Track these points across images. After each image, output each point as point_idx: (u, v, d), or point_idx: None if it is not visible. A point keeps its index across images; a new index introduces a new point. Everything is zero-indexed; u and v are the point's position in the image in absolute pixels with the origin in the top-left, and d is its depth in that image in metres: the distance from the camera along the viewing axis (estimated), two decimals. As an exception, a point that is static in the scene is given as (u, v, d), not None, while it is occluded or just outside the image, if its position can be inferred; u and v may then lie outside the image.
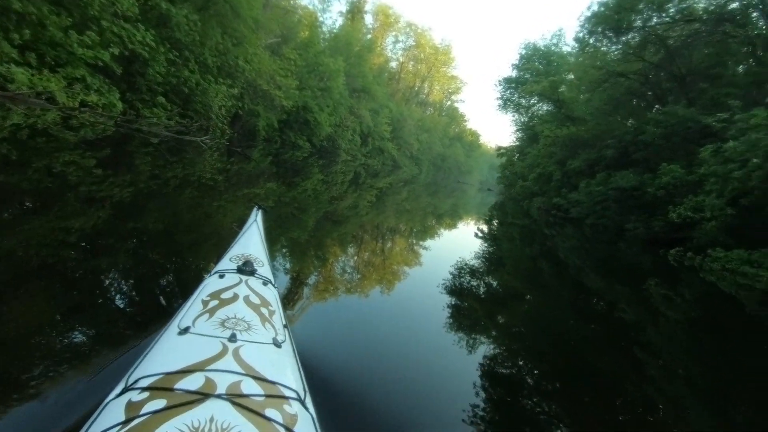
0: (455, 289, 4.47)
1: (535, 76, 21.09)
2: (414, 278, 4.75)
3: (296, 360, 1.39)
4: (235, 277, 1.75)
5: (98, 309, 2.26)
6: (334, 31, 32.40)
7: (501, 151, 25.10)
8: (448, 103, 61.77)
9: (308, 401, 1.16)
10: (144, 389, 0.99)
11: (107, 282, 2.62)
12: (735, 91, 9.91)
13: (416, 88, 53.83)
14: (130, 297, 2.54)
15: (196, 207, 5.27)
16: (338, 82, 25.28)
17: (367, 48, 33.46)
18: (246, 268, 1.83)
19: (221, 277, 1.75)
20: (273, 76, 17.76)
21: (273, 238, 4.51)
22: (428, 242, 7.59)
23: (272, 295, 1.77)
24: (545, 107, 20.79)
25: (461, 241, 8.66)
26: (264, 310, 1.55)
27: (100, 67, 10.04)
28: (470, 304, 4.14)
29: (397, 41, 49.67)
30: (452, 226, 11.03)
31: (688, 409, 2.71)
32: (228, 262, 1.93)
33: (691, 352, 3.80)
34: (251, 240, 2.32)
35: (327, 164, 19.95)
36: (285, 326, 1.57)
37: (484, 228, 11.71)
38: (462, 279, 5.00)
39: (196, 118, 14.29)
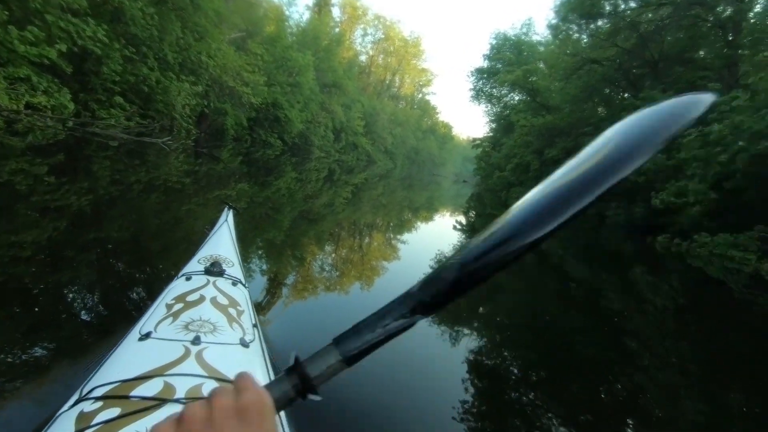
0: None
1: (507, 65, 21.36)
2: (392, 273, 4.70)
3: (265, 359, 1.35)
4: (202, 279, 1.70)
5: (58, 322, 2.15)
6: (301, 25, 31.67)
7: (476, 143, 25.44)
8: (420, 95, 62.13)
9: None
10: (98, 399, 0.94)
11: (68, 294, 2.48)
12: (710, 74, 10.07)
13: (387, 82, 53.66)
14: (93, 308, 2.41)
15: (164, 212, 5.02)
16: (308, 77, 24.75)
17: (335, 41, 32.92)
18: (214, 269, 1.78)
19: (188, 279, 1.69)
20: (239, 72, 17.11)
21: (247, 239, 4.40)
22: (406, 236, 7.51)
23: (242, 295, 1.71)
24: (517, 97, 21.15)
25: (440, 234, 8.64)
26: (232, 311, 1.50)
27: (47, 66, 9.27)
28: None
29: (365, 34, 49.26)
30: (430, 219, 11.06)
31: (679, 395, 2.71)
32: (196, 264, 1.87)
33: (681, 339, 3.84)
34: (221, 240, 2.26)
35: (300, 162, 19.54)
36: (255, 326, 1.53)
37: (463, 220, 11.76)
38: None
39: (159, 118, 13.56)
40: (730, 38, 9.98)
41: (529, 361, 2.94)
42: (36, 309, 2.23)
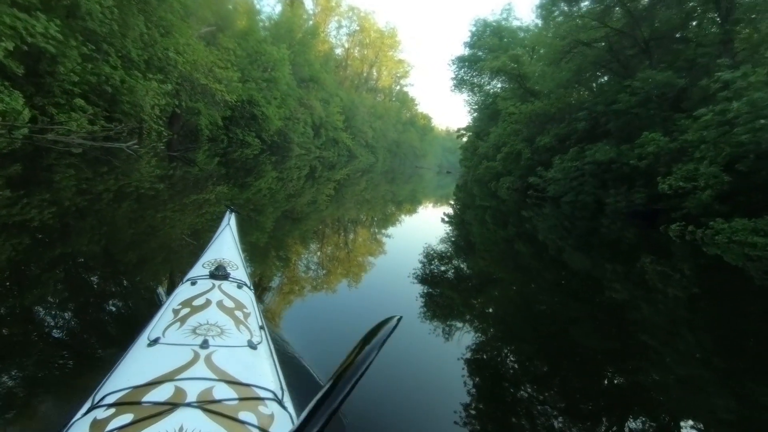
0: (432, 278, 4.33)
1: (489, 52, 20.97)
2: (389, 269, 4.68)
3: (273, 360, 1.36)
4: (207, 283, 1.71)
5: (50, 338, 2.12)
6: (274, 18, 30.55)
7: (460, 133, 25.13)
8: (398, 87, 61.62)
9: (286, 400, 1.14)
10: (110, 406, 0.96)
11: (49, 314, 2.36)
12: (710, 51, 9.59)
13: (365, 75, 52.91)
14: (82, 324, 2.33)
15: (138, 220, 4.64)
16: (284, 71, 23.92)
17: (310, 34, 31.97)
18: (219, 273, 1.79)
19: (193, 284, 1.70)
20: (211, 69, 16.25)
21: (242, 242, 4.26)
22: (397, 231, 7.33)
23: (247, 297, 1.72)
24: (500, 84, 20.83)
25: (431, 228, 8.35)
26: (238, 313, 1.52)
27: (-6, 67, 8.41)
28: (450, 291, 4.02)
29: (340, 26, 48.26)
30: (419, 213, 10.83)
31: (698, 388, 2.52)
32: (200, 269, 1.88)
33: (697, 328, 3.61)
34: (224, 244, 2.26)
35: (280, 160, 18.84)
36: (261, 327, 1.53)
37: (452, 212, 11.54)
38: (438, 267, 4.86)
39: (126, 120, 12.70)
40: (724, 13, 9.42)
41: (531, 355, 2.82)
42: (29, 324, 2.19)
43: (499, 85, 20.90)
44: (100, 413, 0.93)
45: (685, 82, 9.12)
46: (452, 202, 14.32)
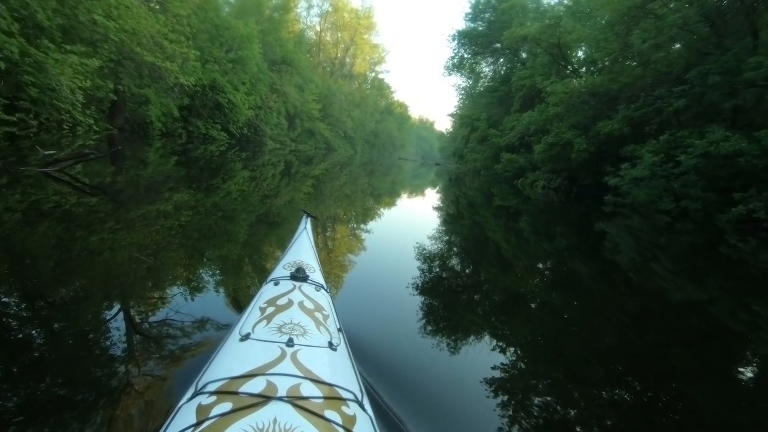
0: (455, 292, 3.85)
1: (494, 26, 18.16)
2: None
3: (352, 362, 1.40)
4: (288, 284, 1.82)
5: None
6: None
7: (464, 120, 22.43)
8: (373, 74, 58.25)
9: (366, 402, 1.18)
10: (212, 393, 1.03)
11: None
12: None
13: (338, 60, 49.27)
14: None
15: (70, 244, 3.41)
16: (253, 50, 20.32)
17: (281, 8, 28.14)
18: (299, 275, 1.89)
19: (276, 284, 1.81)
20: (159, 43, 12.72)
21: (195, 256, 3.73)
22: (395, 235, 6.42)
23: (325, 299, 1.80)
24: (506, 63, 18.13)
25: (433, 232, 6.72)
26: (318, 315, 1.60)
27: None
28: (488, 309, 3.51)
29: (310, 6, 44.22)
30: (419, 214, 9.27)
31: None
32: (282, 270, 1.99)
33: None
34: (302, 247, 2.38)
35: (251, 156, 16.40)
36: (339, 330, 1.59)
37: (456, 213, 9.70)
38: (458, 280, 4.28)
39: (40, 110, 9.23)
40: None
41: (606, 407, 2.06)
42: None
43: (510, 64, 18.21)
44: (204, 399, 1.01)
45: None
46: (455, 201, 12.27)
